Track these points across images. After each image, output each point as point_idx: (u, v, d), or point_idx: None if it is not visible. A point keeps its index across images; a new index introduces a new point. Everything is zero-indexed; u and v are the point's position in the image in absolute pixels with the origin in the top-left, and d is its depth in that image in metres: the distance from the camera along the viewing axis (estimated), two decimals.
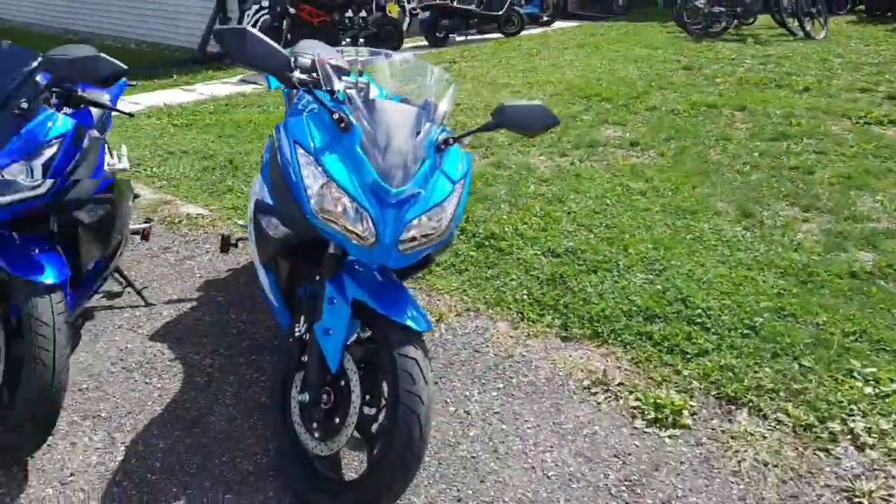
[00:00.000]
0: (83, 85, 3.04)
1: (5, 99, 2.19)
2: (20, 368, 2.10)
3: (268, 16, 8.55)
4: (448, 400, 2.63)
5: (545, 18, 11.94)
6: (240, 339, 2.99)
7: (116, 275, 3.21)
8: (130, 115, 3.05)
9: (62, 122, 2.29)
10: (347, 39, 8.91)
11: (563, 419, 2.52)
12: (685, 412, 2.54)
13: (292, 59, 1.96)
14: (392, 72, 2.29)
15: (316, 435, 2.05)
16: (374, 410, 2.02)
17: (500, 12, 10.34)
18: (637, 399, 2.60)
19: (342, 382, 2.02)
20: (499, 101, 6.29)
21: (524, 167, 4.87)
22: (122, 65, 2.29)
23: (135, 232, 3.33)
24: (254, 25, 8.95)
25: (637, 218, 4.03)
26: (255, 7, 9.01)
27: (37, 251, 2.25)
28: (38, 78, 2.30)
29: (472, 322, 3.12)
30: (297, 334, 2.12)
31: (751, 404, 2.57)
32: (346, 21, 8.82)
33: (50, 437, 2.37)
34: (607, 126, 5.88)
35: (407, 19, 10.44)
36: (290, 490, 2.14)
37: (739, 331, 2.95)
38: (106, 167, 3.16)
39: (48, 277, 2.18)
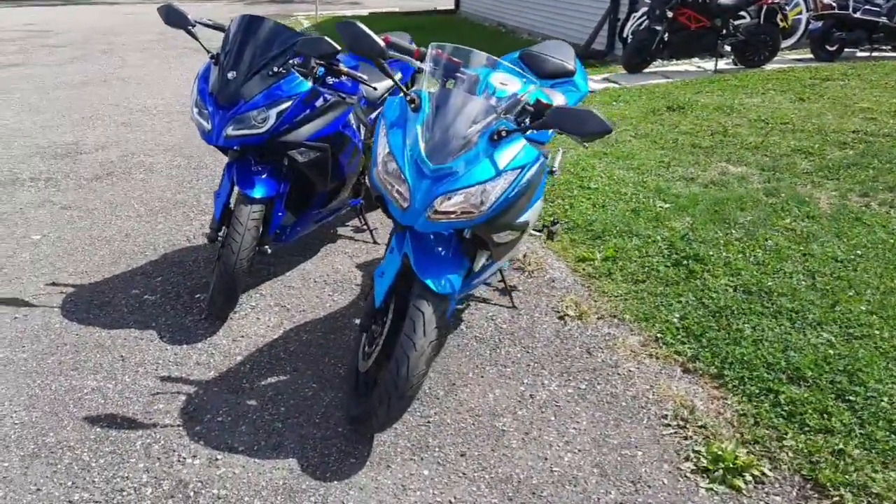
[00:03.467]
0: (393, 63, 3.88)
1: (267, 62, 3.05)
2: None
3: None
4: (525, 381, 2.80)
5: None
6: None
7: (361, 216, 4.06)
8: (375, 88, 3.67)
9: (301, 84, 3.09)
10: (727, 47, 8.64)
11: (612, 434, 2.51)
12: (748, 476, 2.29)
13: (386, 50, 2.36)
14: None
15: (362, 354, 2.51)
16: None
17: None
18: (709, 445, 2.42)
19: (383, 318, 2.43)
20: (841, 126, 5.63)
21: (798, 199, 4.36)
22: (337, 46, 2.97)
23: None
24: (638, 26, 9.27)
25: (885, 278, 3.38)
26: (644, 9, 9.25)
27: (260, 174, 3.12)
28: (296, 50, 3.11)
29: (607, 328, 3.16)
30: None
31: (836, 499, 2.19)
32: (731, 27, 8.51)
33: (250, 310, 3.30)
34: None
35: (800, 29, 9.52)
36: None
37: (894, 424, 2.43)
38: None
39: (255, 193, 3.03)
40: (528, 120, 2.37)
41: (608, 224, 4.09)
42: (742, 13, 8.75)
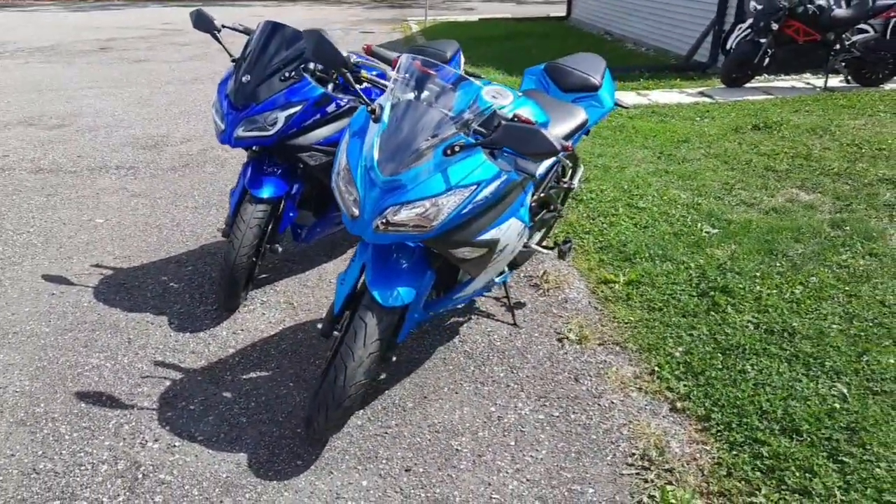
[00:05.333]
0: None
1: (280, 67, 3.14)
2: None
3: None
4: (499, 402, 2.72)
5: None
6: None
7: None
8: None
9: (313, 89, 3.16)
10: (842, 63, 8.00)
11: (568, 467, 2.39)
12: None
13: (350, 60, 2.35)
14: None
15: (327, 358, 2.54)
16: None
17: None
18: (663, 492, 2.25)
19: (338, 325, 2.45)
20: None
21: (865, 233, 3.95)
22: (342, 53, 2.98)
23: None
24: (743, 38, 8.76)
25: None
26: (749, 21, 8.75)
27: (270, 175, 3.22)
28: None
29: (605, 355, 3.01)
30: None
31: None
32: (845, 42, 7.87)
33: (259, 305, 3.42)
34: None
35: None
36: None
37: (883, 495, 2.16)
38: None
39: (262, 193, 3.14)
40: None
41: (642, 246, 3.89)
42: (864, 27, 8.06)
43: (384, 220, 2.15)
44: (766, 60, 7.90)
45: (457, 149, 2.15)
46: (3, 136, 6.45)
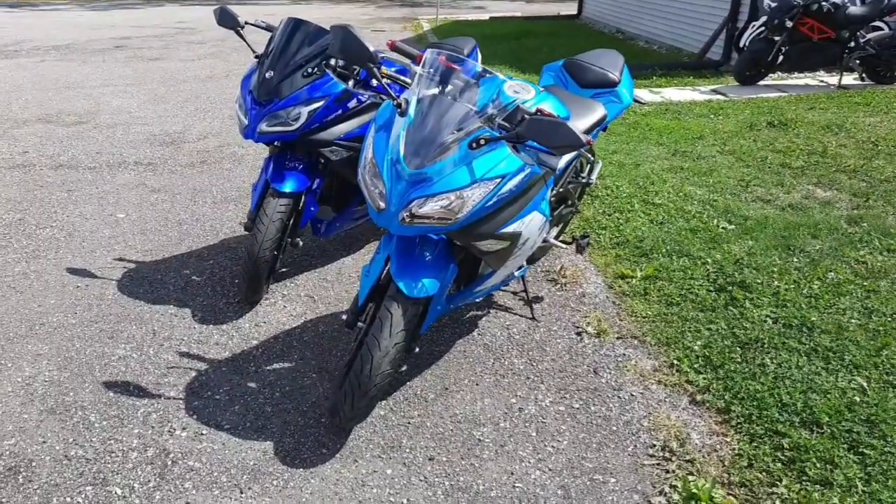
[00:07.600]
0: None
1: (303, 63, 3.19)
2: None
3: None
4: (519, 394, 2.76)
5: None
6: None
7: None
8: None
9: (334, 85, 3.20)
10: (857, 60, 7.97)
11: (590, 457, 2.42)
12: None
13: (377, 56, 2.38)
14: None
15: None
16: None
17: None
18: (685, 482, 2.28)
19: (362, 316, 2.48)
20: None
21: (882, 230, 3.95)
22: (370, 49, 3.02)
23: None
24: (757, 36, 8.75)
25: None
26: (764, 18, 8.74)
27: (292, 170, 3.26)
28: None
29: (623, 349, 3.03)
30: None
31: None
32: (860, 40, 7.85)
33: (280, 298, 3.46)
34: None
35: None
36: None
37: None
38: None
39: (284, 187, 3.18)
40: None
41: (659, 242, 3.91)
42: (879, 24, 8.03)
43: (410, 213, 2.19)
44: (780, 58, 7.89)
45: (482, 142, 2.18)
46: (22, 133, 6.53)
